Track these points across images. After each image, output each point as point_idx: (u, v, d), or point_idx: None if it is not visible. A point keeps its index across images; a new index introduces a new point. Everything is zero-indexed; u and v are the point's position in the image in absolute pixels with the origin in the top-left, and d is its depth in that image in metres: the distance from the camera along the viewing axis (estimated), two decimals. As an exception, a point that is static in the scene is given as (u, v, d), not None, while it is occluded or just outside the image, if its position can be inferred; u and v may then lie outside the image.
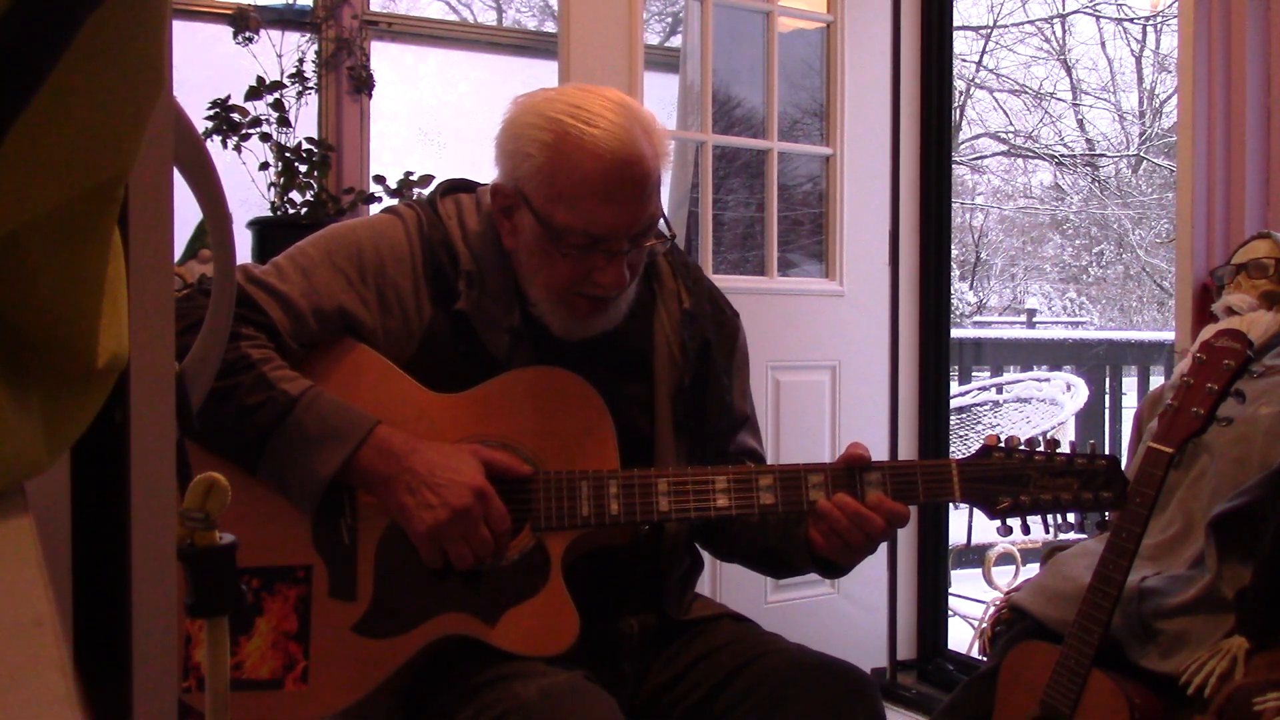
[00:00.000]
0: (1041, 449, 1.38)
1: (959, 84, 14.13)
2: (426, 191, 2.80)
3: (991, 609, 2.14)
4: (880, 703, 1.44)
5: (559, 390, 1.41)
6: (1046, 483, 1.36)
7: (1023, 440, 1.39)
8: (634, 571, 1.49)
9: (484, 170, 1.64)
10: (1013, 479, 1.37)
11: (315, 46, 2.97)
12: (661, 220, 1.44)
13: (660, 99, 3.46)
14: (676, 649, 1.48)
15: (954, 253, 9.19)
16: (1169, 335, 4.49)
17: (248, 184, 2.75)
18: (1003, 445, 1.39)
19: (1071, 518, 1.40)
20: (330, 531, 1.36)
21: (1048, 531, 1.42)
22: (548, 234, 1.38)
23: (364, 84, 2.99)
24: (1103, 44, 15.44)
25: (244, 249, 2.74)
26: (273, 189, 2.77)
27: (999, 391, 5.31)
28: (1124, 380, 6.38)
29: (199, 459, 1.33)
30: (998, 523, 1.38)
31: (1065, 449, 1.38)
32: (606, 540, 1.42)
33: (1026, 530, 1.40)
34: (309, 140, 2.84)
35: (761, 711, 1.38)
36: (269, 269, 1.42)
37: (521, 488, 1.37)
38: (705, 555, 1.63)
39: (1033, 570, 2.17)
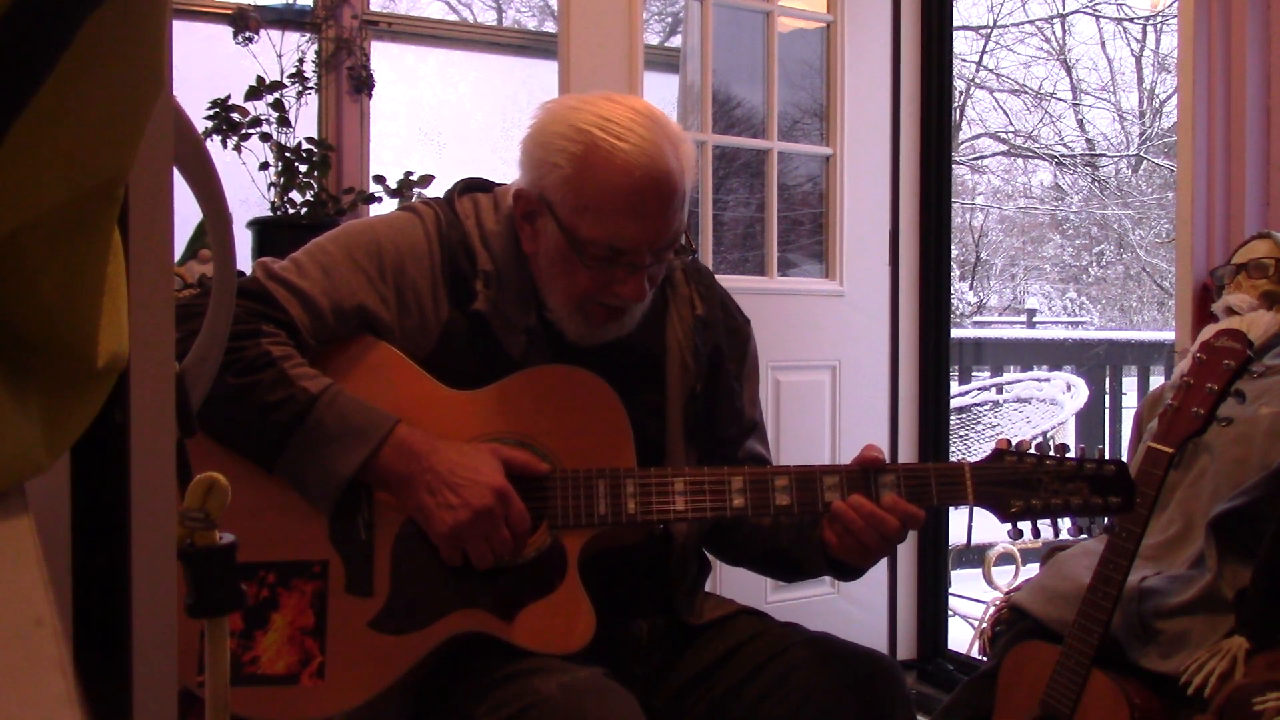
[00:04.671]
0: (1052, 453, 1.39)
1: (959, 84, 14.13)
2: (428, 191, 2.82)
3: (991, 609, 2.14)
4: (908, 688, 1.44)
5: (576, 388, 1.41)
6: (1057, 487, 1.37)
7: (1032, 444, 1.40)
8: (644, 574, 1.49)
9: (484, 170, 1.64)
10: (1024, 483, 1.37)
11: (315, 46, 2.97)
12: (684, 234, 1.44)
13: (660, 99, 3.46)
14: (697, 650, 1.49)
15: (954, 253, 9.18)
16: (1169, 335, 4.49)
17: (248, 184, 2.75)
18: (1014, 449, 1.39)
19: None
20: (347, 527, 1.36)
21: (1056, 535, 1.42)
22: (570, 244, 1.38)
23: (364, 84, 2.99)
24: (1103, 44, 15.45)
25: (244, 249, 2.74)
26: (273, 189, 2.77)
27: (999, 391, 5.31)
28: (1124, 380, 6.38)
29: (213, 454, 1.33)
30: (1009, 526, 1.39)
31: (1074, 454, 1.39)
32: (621, 539, 1.43)
33: (1037, 533, 1.41)
34: (309, 140, 2.84)
35: (792, 702, 1.39)
36: (288, 265, 1.42)
37: (539, 486, 1.37)
38: (710, 557, 1.63)
39: (1033, 570, 2.17)
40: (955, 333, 6.19)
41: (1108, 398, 6.17)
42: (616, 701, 1.27)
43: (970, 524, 4.15)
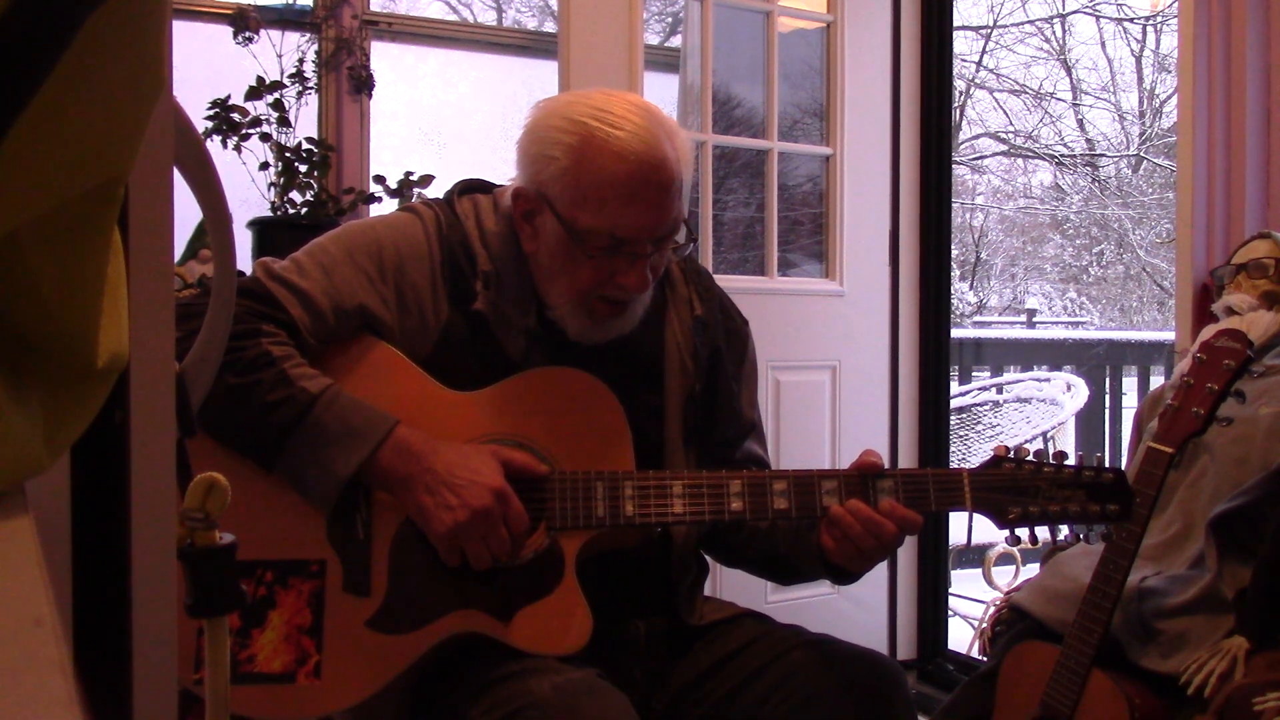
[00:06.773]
0: (1050, 460, 1.39)
1: (959, 84, 14.13)
2: (428, 191, 2.82)
3: (991, 609, 2.14)
4: (909, 691, 1.45)
5: (576, 390, 1.41)
6: (1055, 494, 1.37)
7: (1031, 451, 1.40)
8: (643, 575, 1.49)
9: (484, 170, 1.64)
10: (1022, 490, 1.37)
11: (315, 46, 2.97)
12: (684, 224, 1.44)
13: (660, 99, 3.46)
14: (697, 652, 1.49)
15: (954, 253, 9.18)
16: (1169, 335, 4.49)
17: (248, 184, 2.75)
18: (1012, 456, 1.39)
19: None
20: (345, 526, 1.36)
21: (1054, 541, 1.42)
22: (571, 237, 1.38)
23: (364, 84, 2.99)
24: (1103, 44, 15.46)
25: (244, 249, 2.74)
26: (273, 189, 2.77)
27: (999, 391, 5.31)
28: (1124, 380, 6.37)
29: (212, 453, 1.33)
30: (1007, 531, 1.39)
31: (1073, 461, 1.39)
32: (619, 541, 1.43)
33: (1035, 540, 1.41)
34: (309, 140, 2.84)
35: (793, 705, 1.39)
36: (289, 265, 1.42)
37: (537, 487, 1.37)
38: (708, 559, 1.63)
39: (1033, 570, 2.17)
40: (955, 333, 6.18)
41: (1108, 398, 6.16)
42: (610, 702, 1.27)
43: (970, 525, 4.15)
